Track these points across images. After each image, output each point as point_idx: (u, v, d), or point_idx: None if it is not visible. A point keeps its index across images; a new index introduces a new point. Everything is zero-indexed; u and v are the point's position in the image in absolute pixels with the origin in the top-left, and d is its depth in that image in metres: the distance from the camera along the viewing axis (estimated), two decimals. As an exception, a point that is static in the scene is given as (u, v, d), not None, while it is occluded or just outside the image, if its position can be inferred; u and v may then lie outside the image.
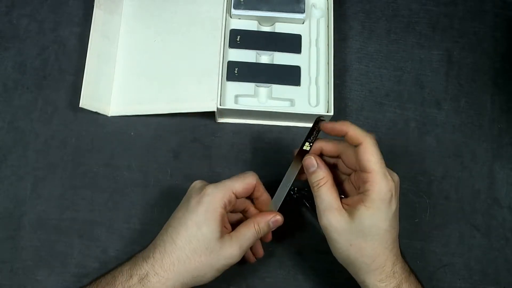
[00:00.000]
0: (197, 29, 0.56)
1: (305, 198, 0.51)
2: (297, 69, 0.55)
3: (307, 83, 0.55)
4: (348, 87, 0.57)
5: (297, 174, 0.43)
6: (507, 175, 0.55)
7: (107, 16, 0.55)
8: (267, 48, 0.56)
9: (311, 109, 0.54)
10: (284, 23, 0.57)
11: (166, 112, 0.53)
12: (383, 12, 0.60)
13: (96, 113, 0.53)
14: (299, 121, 0.55)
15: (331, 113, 0.52)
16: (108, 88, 0.55)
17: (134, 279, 0.39)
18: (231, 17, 0.57)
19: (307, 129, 0.54)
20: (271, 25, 0.58)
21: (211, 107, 0.52)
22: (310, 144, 0.43)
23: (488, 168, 0.55)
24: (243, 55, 0.56)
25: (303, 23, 0.58)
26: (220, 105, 0.52)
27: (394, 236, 0.40)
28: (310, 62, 0.56)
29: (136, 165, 0.53)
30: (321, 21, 0.58)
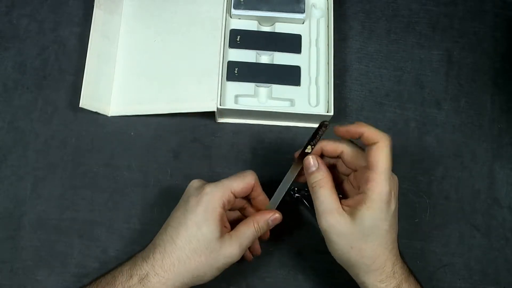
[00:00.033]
0: (197, 29, 0.56)
1: (305, 198, 0.51)
2: (297, 69, 0.55)
3: (307, 83, 0.55)
4: (348, 87, 0.57)
5: (296, 176, 0.43)
6: (507, 175, 0.55)
7: (107, 16, 0.55)
8: (267, 48, 0.56)
9: (311, 109, 0.54)
10: (284, 23, 0.57)
11: (166, 112, 0.53)
12: (383, 12, 0.60)
13: (96, 113, 0.53)
14: (299, 121, 0.55)
15: (331, 113, 0.52)
16: (108, 88, 0.55)
17: (134, 279, 0.39)
18: (231, 17, 0.57)
19: (307, 129, 0.55)
20: (271, 25, 0.58)
21: (211, 107, 0.52)
22: (312, 147, 0.42)
23: (488, 168, 0.55)
24: (243, 55, 0.56)
25: (303, 23, 0.58)
26: (220, 105, 0.52)
27: (394, 237, 0.40)
28: (310, 62, 0.56)
29: (136, 165, 0.53)
30: (321, 21, 0.58)
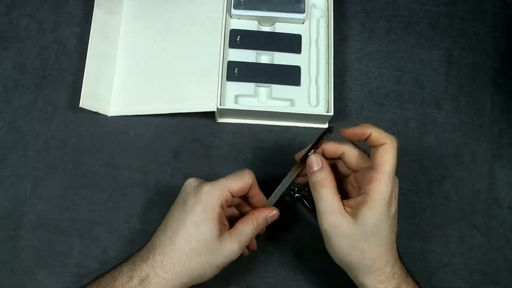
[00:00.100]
0: (197, 29, 0.56)
1: (305, 198, 0.51)
2: (297, 69, 0.55)
3: (307, 83, 0.55)
4: (348, 87, 0.57)
5: (296, 177, 0.43)
6: (507, 175, 0.55)
7: (107, 16, 0.55)
8: (267, 48, 0.56)
9: (311, 109, 0.54)
10: (284, 23, 0.57)
11: (166, 112, 0.53)
12: (383, 12, 0.60)
13: (96, 113, 0.53)
14: (299, 121, 0.55)
15: (331, 113, 0.52)
16: (108, 88, 0.55)
17: (135, 281, 0.39)
18: (231, 17, 0.57)
19: (307, 129, 0.55)
20: (271, 25, 0.58)
21: (211, 107, 0.52)
22: (314, 151, 0.42)
23: (488, 168, 0.55)
24: (243, 55, 0.56)
25: (303, 23, 0.58)
26: (220, 105, 0.52)
27: (394, 238, 0.40)
28: (310, 62, 0.56)
29: (136, 165, 0.53)
30: (321, 21, 0.58)
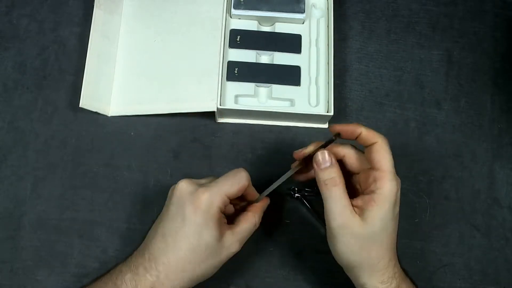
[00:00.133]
0: (197, 29, 0.56)
1: (305, 198, 0.51)
2: (297, 69, 0.55)
3: (307, 83, 0.55)
4: (348, 87, 0.57)
5: (295, 174, 0.43)
6: (507, 175, 0.55)
7: (107, 16, 0.55)
8: (267, 48, 0.56)
9: (311, 109, 0.54)
10: (284, 23, 0.57)
11: (166, 112, 0.53)
12: (383, 12, 0.60)
13: (96, 113, 0.53)
14: (299, 121, 0.55)
15: (331, 113, 0.52)
16: (108, 88, 0.55)
17: None
18: (231, 17, 0.57)
19: (307, 129, 0.55)
20: (271, 25, 0.58)
21: (211, 107, 0.52)
22: None
23: (488, 168, 0.55)
24: (243, 55, 0.56)
25: (303, 23, 0.58)
26: (220, 105, 0.52)
27: (395, 238, 0.40)
28: (310, 62, 0.56)
29: (136, 165, 0.53)
30: (321, 21, 0.58)
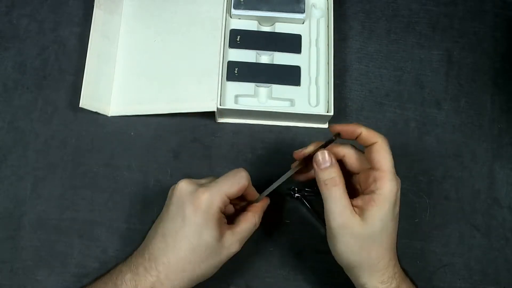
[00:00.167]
0: (197, 29, 0.56)
1: (305, 198, 0.51)
2: (297, 69, 0.55)
3: (307, 83, 0.55)
4: (348, 87, 0.57)
5: (295, 174, 0.43)
6: (507, 175, 0.55)
7: (107, 16, 0.55)
8: (267, 48, 0.56)
9: (311, 109, 0.54)
10: (284, 23, 0.57)
11: (166, 112, 0.53)
12: (383, 12, 0.60)
13: (96, 113, 0.53)
14: (299, 121, 0.55)
15: (331, 113, 0.52)
16: (108, 88, 0.55)
17: None
18: (231, 17, 0.57)
19: (307, 129, 0.55)
20: (271, 25, 0.58)
21: (211, 107, 0.52)
22: None
23: (488, 168, 0.55)
24: (243, 55, 0.56)
25: (303, 23, 0.58)
26: (220, 105, 0.52)
27: (395, 238, 0.40)
28: (310, 62, 0.56)
29: (136, 165, 0.53)
30: (321, 21, 0.58)
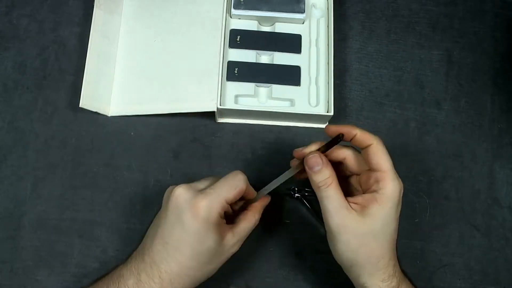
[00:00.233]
0: (197, 29, 0.56)
1: (305, 198, 0.51)
2: (297, 69, 0.55)
3: (307, 83, 0.55)
4: (348, 87, 0.57)
5: (296, 174, 0.43)
6: (507, 175, 0.55)
7: (107, 16, 0.55)
8: (267, 48, 0.56)
9: (311, 109, 0.54)
10: (284, 23, 0.57)
11: (166, 112, 0.53)
12: (383, 12, 0.60)
13: (96, 113, 0.53)
14: (299, 121, 0.55)
15: (331, 113, 0.52)
16: (108, 88, 0.55)
17: None
18: (231, 17, 0.57)
19: (307, 129, 0.55)
20: (271, 25, 0.58)
21: (211, 107, 0.52)
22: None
23: (488, 168, 0.55)
24: (243, 55, 0.56)
25: (303, 23, 0.58)
26: (220, 105, 0.52)
27: (395, 238, 0.40)
28: (310, 62, 0.56)
29: (136, 165, 0.53)
30: (321, 21, 0.58)
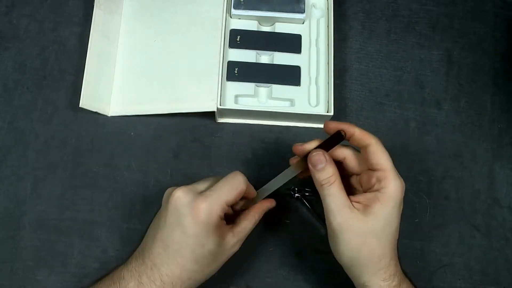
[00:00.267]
0: (197, 29, 0.56)
1: (305, 198, 0.51)
2: (297, 69, 0.55)
3: (307, 83, 0.55)
4: (348, 87, 0.57)
5: (298, 174, 0.43)
6: (507, 175, 0.55)
7: (107, 16, 0.55)
8: (267, 48, 0.56)
9: (311, 109, 0.54)
10: (284, 23, 0.57)
11: (166, 112, 0.53)
12: (383, 12, 0.60)
13: (96, 113, 0.53)
14: (299, 121, 0.55)
15: (331, 113, 0.52)
16: (108, 88, 0.55)
17: None
18: (231, 17, 0.57)
19: (307, 129, 0.55)
20: (271, 25, 0.58)
21: (211, 107, 0.52)
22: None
23: (488, 168, 0.55)
24: (243, 55, 0.56)
25: (303, 23, 0.58)
26: (220, 105, 0.52)
27: (397, 238, 0.40)
28: (310, 62, 0.56)
29: (136, 165, 0.53)
30: (321, 21, 0.58)
